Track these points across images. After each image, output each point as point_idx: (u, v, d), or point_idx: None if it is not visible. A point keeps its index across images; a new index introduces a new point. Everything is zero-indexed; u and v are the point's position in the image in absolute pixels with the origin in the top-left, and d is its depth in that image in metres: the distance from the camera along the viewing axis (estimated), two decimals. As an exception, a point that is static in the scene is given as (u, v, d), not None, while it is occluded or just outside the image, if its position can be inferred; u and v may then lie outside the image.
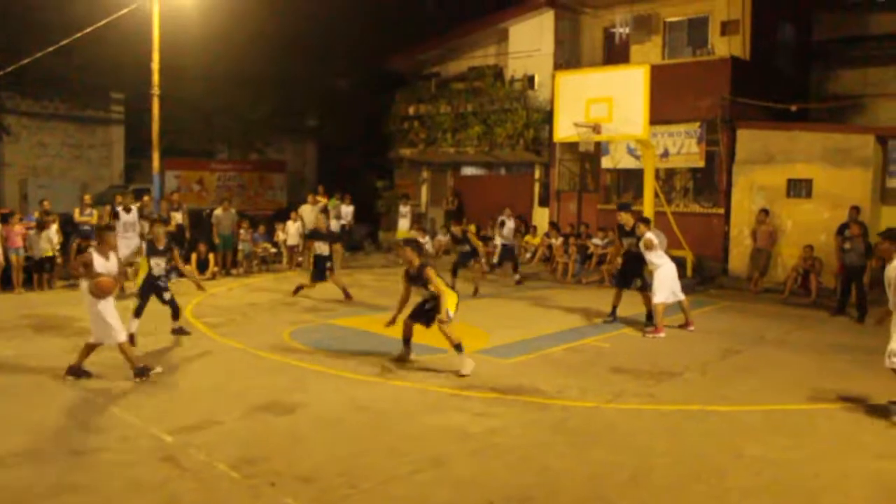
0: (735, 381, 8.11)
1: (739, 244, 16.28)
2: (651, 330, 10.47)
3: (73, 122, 24.15)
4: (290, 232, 17.84)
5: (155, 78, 16.72)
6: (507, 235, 16.24)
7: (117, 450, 5.73)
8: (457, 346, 8.12)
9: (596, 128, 14.10)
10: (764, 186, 15.94)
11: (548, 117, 18.37)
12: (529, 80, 20.21)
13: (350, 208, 20.64)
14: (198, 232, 16.93)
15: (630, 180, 18.22)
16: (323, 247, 13.09)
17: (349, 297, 12.93)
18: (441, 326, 8.12)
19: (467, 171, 23.36)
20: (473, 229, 15.71)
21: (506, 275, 16.12)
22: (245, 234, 16.94)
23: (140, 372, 7.65)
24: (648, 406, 7.15)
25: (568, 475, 5.42)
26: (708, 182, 17.04)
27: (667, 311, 10.61)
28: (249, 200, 24.48)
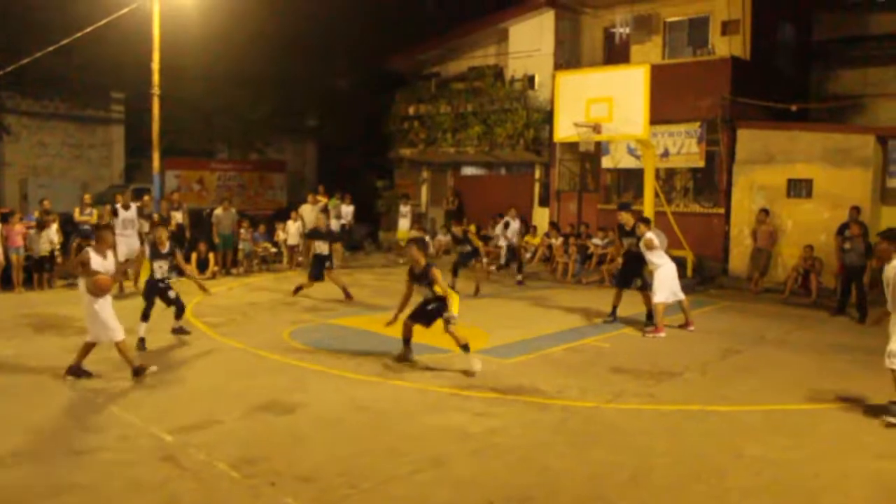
0: (735, 381, 8.11)
1: (739, 244, 16.27)
2: (651, 330, 10.48)
3: (74, 122, 24.16)
4: (291, 231, 17.85)
5: (155, 77, 16.72)
6: (512, 236, 16.19)
7: (117, 449, 5.73)
8: (464, 347, 8.13)
9: (596, 128, 14.11)
10: (764, 186, 15.94)
11: (548, 117, 18.36)
12: (530, 80, 20.20)
13: (350, 208, 20.66)
14: (198, 231, 16.94)
15: (630, 180, 18.22)
16: (322, 246, 13.13)
17: (349, 297, 12.95)
18: (448, 327, 8.12)
19: (467, 171, 23.35)
20: (474, 229, 15.70)
21: (509, 275, 16.11)
22: (245, 234, 16.96)
23: (137, 371, 7.68)
24: (648, 406, 7.15)
25: (568, 475, 5.42)
26: (708, 182, 17.03)
27: (667, 311, 10.61)
28: (249, 200, 24.49)
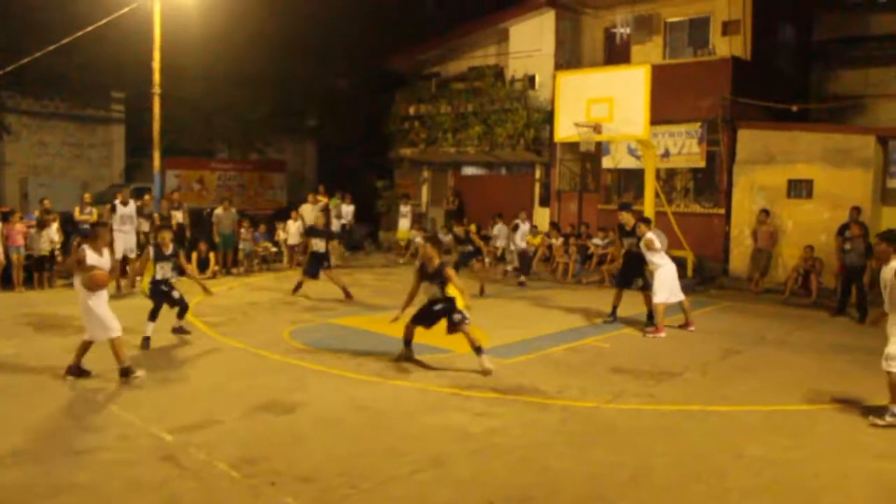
0: (735, 382, 8.12)
1: (740, 244, 16.27)
2: (652, 330, 10.48)
3: (74, 121, 24.15)
4: (291, 231, 17.86)
5: (156, 77, 16.71)
6: (521, 239, 16.03)
7: (117, 449, 5.73)
8: (477, 349, 8.11)
9: (597, 128, 14.11)
10: (764, 187, 15.94)
11: (548, 117, 18.35)
12: (530, 80, 20.20)
13: (350, 208, 20.69)
14: (198, 231, 16.95)
15: (631, 180, 18.22)
16: (319, 243, 13.20)
17: (349, 297, 12.95)
18: (461, 327, 8.11)
19: (468, 171, 23.34)
20: (474, 229, 15.70)
21: (510, 275, 16.10)
22: (246, 234, 16.97)
23: (125, 372, 7.62)
24: (648, 406, 7.14)
25: (568, 475, 5.42)
26: (708, 182, 17.03)
27: (667, 312, 10.61)
28: (250, 200, 24.49)
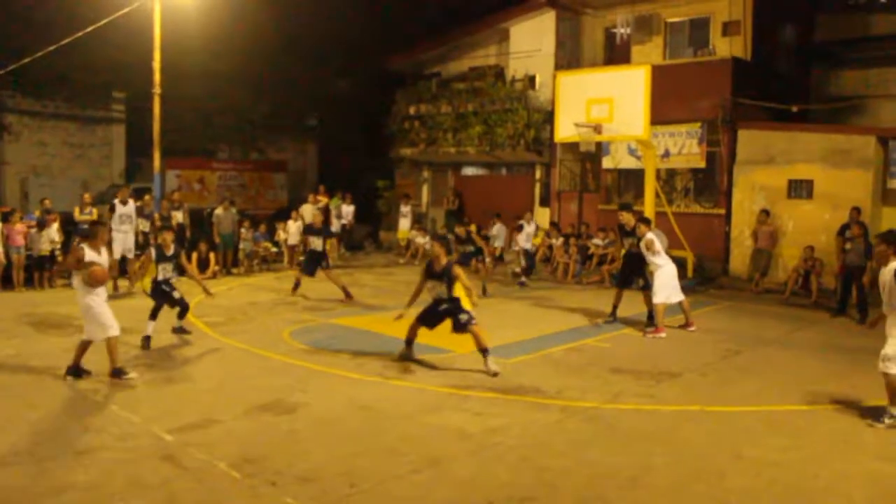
0: (735, 382, 8.12)
1: (740, 245, 16.27)
2: (652, 330, 10.48)
3: (74, 121, 24.16)
4: (291, 231, 17.86)
5: (156, 77, 16.71)
6: (527, 240, 15.97)
7: (117, 448, 5.74)
8: (484, 350, 8.10)
9: (597, 128, 14.11)
10: (765, 187, 15.94)
11: (549, 117, 18.35)
12: (530, 81, 20.20)
13: (351, 208, 20.70)
14: (199, 231, 16.94)
15: (631, 180, 18.22)
16: (316, 241, 13.20)
17: (349, 297, 12.95)
18: (470, 328, 8.08)
19: (468, 171, 23.35)
20: (474, 228, 15.69)
21: (507, 274, 16.09)
22: (246, 234, 16.97)
23: (116, 373, 7.59)
24: (648, 406, 7.15)
25: (567, 475, 5.42)
26: (709, 182, 17.03)
27: (667, 312, 10.62)
28: (250, 200, 24.49)
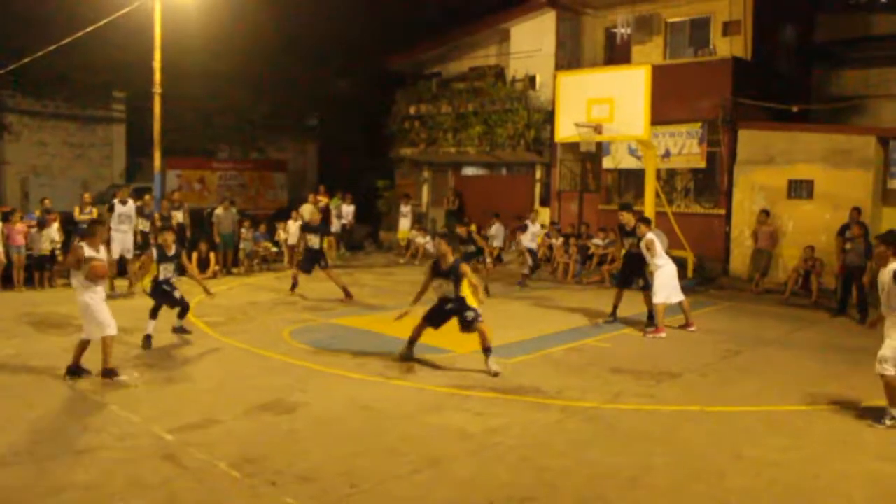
0: (735, 382, 8.12)
1: (740, 245, 16.27)
2: (652, 330, 10.48)
3: (74, 121, 24.16)
4: (291, 231, 17.84)
5: (157, 77, 16.69)
6: (531, 240, 15.89)
7: (117, 448, 5.74)
8: (487, 349, 8.10)
9: (597, 128, 14.11)
10: (765, 187, 15.93)
11: (549, 117, 18.34)
12: (531, 81, 20.19)
13: (351, 208, 20.71)
14: (199, 231, 16.94)
15: (631, 180, 18.22)
16: (313, 239, 13.21)
17: (349, 297, 12.94)
18: (476, 326, 8.07)
19: (468, 171, 23.34)
20: (474, 228, 15.69)
21: (509, 275, 16.08)
22: (246, 233, 16.97)
23: (107, 373, 7.55)
24: (648, 406, 7.15)
25: (567, 475, 5.42)
26: (709, 182, 17.03)
27: (667, 312, 10.62)
28: (250, 199, 24.47)
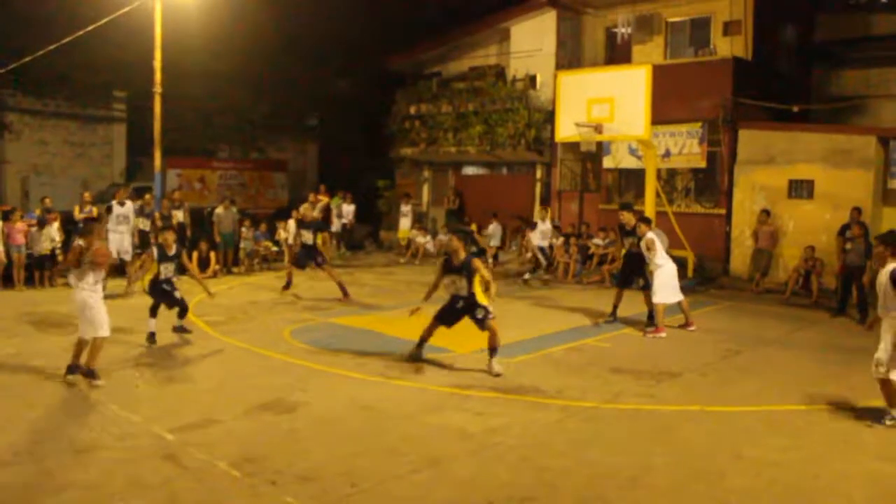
0: (735, 382, 8.12)
1: (741, 244, 16.27)
2: (652, 330, 10.48)
3: (75, 120, 24.17)
4: (292, 230, 17.79)
5: (157, 76, 16.69)
6: (543, 238, 15.75)
7: (118, 448, 5.74)
8: (493, 349, 8.08)
9: (597, 128, 14.12)
10: (765, 187, 15.93)
11: (549, 117, 18.33)
12: (531, 80, 20.18)
13: (351, 207, 20.71)
14: (199, 230, 16.95)
15: (631, 180, 18.21)
16: (307, 235, 13.24)
17: (346, 295, 12.90)
18: (488, 324, 8.05)
19: (469, 171, 23.33)
20: (475, 228, 15.71)
21: (508, 274, 16.08)
22: (247, 233, 16.98)
23: (88, 373, 7.45)
24: (648, 406, 7.15)
25: (567, 475, 5.42)
26: (709, 182, 17.02)
27: (667, 311, 10.62)
28: (251, 199, 24.50)
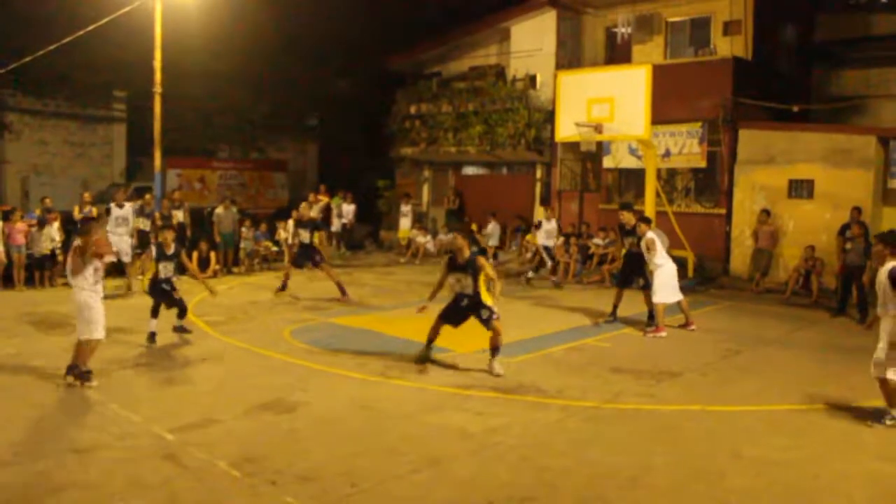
0: (735, 382, 8.12)
1: (741, 244, 16.26)
2: (652, 329, 10.48)
3: (75, 120, 24.17)
4: (291, 230, 17.83)
5: (157, 76, 16.68)
6: (547, 238, 15.76)
7: (118, 448, 5.74)
8: (495, 349, 8.08)
9: (598, 128, 14.11)
10: (765, 187, 15.93)
11: (549, 117, 18.32)
12: (531, 80, 20.17)
13: (351, 207, 20.72)
14: (199, 230, 16.95)
15: (631, 180, 18.20)
16: (304, 234, 13.28)
17: (345, 294, 12.89)
18: (493, 324, 8.04)
19: (469, 171, 23.33)
20: (475, 228, 15.69)
21: (506, 274, 16.08)
22: (247, 233, 16.98)
23: (80, 375, 7.40)
24: (648, 406, 7.15)
25: (568, 475, 5.42)
26: (709, 182, 17.02)
27: (667, 311, 10.62)
28: (251, 199, 24.49)
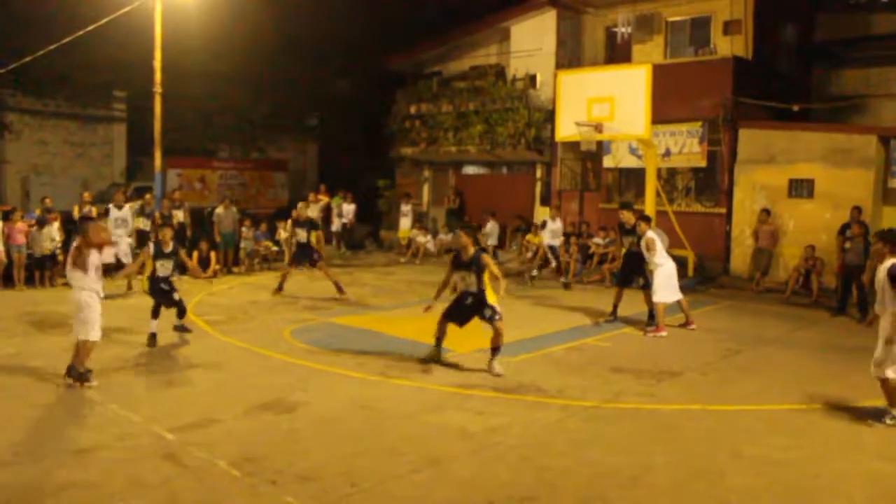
0: (736, 381, 8.12)
1: (741, 244, 16.26)
2: (653, 329, 10.48)
3: (75, 120, 24.20)
4: (290, 230, 17.84)
5: (157, 76, 16.69)
6: (552, 237, 15.57)
7: (118, 448, 5.74)
8: (496, 349, 8.06)
9: (598, 127, 14.11)
10: (765, 186, 15.93)
11: (549, 116, 18.33)
12: (531, 80, 20.19)
13: (351, 207, 20.72)
14: (199, 230, 16.95)
15: (632, 180, 18.20)
16: (301, 233, 13.31)
17: (342, 293, 12.89)
18: (495, 324, 8.02)
19: (469, 170, 23.34)
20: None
21: (505, 273, 16.07)
22: (247, 233, 16.98)
23: (79, 376, 7.37)
24: (649, 406, 7.15)
25: (568, 475, 5.42)
26: (709, 182, 17.02)
27: (668, 311, 10.62)
28: (251, 199, 24.50)
